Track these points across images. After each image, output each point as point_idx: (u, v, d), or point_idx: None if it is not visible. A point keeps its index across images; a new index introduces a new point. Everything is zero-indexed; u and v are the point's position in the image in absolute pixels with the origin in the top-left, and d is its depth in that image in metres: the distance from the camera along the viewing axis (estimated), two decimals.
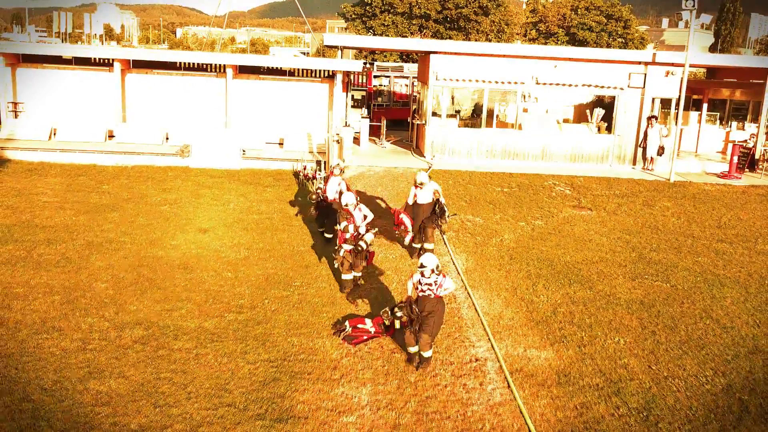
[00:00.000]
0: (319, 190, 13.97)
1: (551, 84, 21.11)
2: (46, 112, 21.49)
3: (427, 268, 9.10)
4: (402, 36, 47.83)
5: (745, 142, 22.57)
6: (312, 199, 14.34)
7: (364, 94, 30.86)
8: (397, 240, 13.91)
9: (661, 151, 21.33)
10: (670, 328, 10.80)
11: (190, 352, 9.40)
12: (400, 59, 42.23)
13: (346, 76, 22.83)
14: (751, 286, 12.65)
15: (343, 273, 11.50)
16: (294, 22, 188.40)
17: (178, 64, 22.37)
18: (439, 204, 12.90)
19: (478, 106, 22.19)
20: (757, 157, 21.90)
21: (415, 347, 9.25)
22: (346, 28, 56.98)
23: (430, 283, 9.13)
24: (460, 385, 8.94)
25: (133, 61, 22.20)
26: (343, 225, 11.73)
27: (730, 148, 21.52)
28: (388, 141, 24.21)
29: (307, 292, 11.61)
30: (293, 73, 22.94)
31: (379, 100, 31.12)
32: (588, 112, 22.29)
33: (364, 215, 11.86)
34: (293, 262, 12.90)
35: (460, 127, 21.63)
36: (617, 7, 55.21)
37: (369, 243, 11.65)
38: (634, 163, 21.82)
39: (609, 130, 21.85)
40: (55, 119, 21.21)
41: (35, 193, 16.35)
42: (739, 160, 20.91)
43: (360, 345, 9.77)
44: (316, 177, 18.30)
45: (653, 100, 21.56)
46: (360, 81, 30.80)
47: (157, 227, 14.43)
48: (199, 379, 8.74)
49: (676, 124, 20.26)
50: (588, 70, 21.09)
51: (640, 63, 21.27)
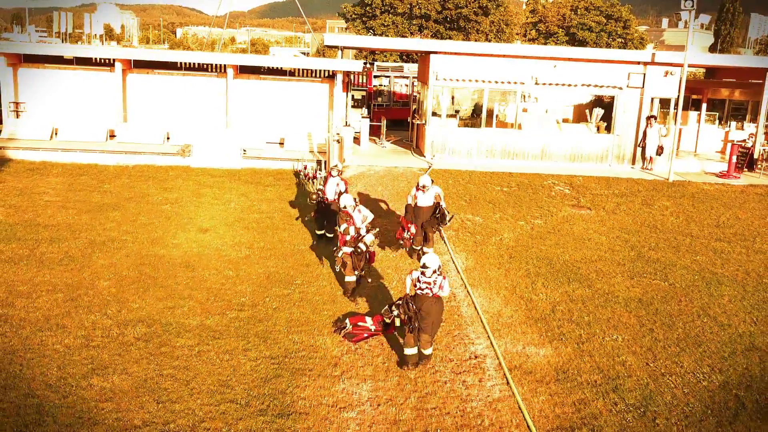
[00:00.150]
0: (319, 191, 14.02)
1: (551, 84, 21.18)
2: (47, 112, 21.57)
3: (430, 269, 9.10)
4: (402, 36, 47.86)
5: (743, 141, 22.64)
6: (312, 200, 14.40)
7: (364, 94, 30.88)
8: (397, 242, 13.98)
9: (660, 150, 21.40)
10: (667, 325, 10.89)
11: (192, 349, 9.49)
12: (400, 59, 42.25)
13: (347, 76, 22.91)
14: (749, 284, 12.75)
15: (346, 275, 11.47)
16: (294, 22, 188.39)
17: (179, 64, 22.44)
18: (440, 208, 12.98)
19: (478, 106, 22.27)
20: (755, 156, 21.98)
21: (412, 349, 9.23)
22: (347, 29, 56.98)
23: (429, 282, 9.16)
24: (460, 382, 9.03)
25: (134, 61, 22.26)
26: (343, 227, 11.70)
27: (729, 147, 21.61)
28: (388, 141, 24.28)
29: (308, 290, 11.70)
30: (293, 73, 23.01)
31: (379, 100, 31.14)
32: (587, 111, 22.37)
33: (364, 216, 11.86)
34: (294, 261, 12.99)
35: (459, 126, 21.69)
36: (617, 8, 55.22)
37: (369, 244, 11.63)
38: (633, 162, 21.89)
39: (608, 129, 21.92)
40: (57, 119, 21.30)
41: (37, 193, 16.44)
42: (737, 159, 20.99)
43: (360, 342, 9.87)
44: (317, 177, 18.38)
45: (652, 99, 21.63)
46: (360, 81, 30.81)
47: (158, 226, 14.52)
48: (202, 376, 8.84)
49: (675, 123, 20.31)
50: (587, 70, 21.16)
51: (639, 63, 21.34)
